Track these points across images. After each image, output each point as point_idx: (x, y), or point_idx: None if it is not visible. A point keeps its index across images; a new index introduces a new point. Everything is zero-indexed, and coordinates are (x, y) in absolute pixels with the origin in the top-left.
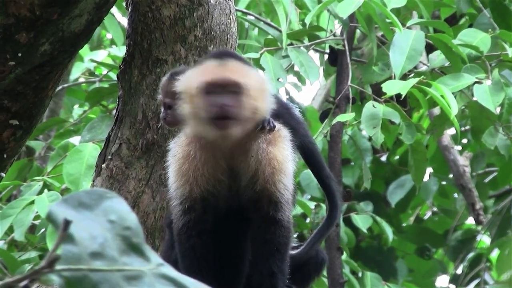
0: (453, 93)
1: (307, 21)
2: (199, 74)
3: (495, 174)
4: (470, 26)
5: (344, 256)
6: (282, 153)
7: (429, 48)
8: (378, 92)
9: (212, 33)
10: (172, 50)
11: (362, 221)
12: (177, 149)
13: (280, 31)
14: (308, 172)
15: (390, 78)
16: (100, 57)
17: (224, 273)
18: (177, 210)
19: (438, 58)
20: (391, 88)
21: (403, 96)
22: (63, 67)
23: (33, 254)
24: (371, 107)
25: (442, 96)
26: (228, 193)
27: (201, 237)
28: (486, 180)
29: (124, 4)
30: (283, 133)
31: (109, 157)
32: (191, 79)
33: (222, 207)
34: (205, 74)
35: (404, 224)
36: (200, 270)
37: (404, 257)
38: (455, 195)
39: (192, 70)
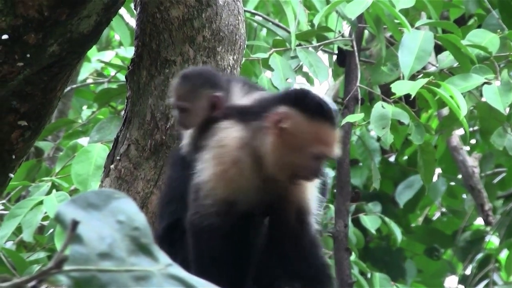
0: (461, 94)
1: (316, 22)
2: (318, 139)
3: (504, 174)
4: (479, 26)
5: (352, 257)
6: None
7: (438, 49)
8: (387, 93)
9: (221, 34)
10: (180, 51)
11: (370, 221)
12: (222, 150)
13: (289, 32)
14: None
15: (398, 78)
16: (107, 58)
17: (238, 275)
18: (205, 209)
19: (447, 58)
20: (400, 88)
21: (412, 97)
22: (72, 68)
23: (41, 254)
24: (380, 107)
25: (451, 96)
26: (261, 201)
27: (224, 239)
28: (495, 180)
29: (132, 5)
30: None
31: (118, 158)
32: (309, 135)
33: (248, 211)
34: (325, 145)
35: (412, 225)
36: (219, 271)
37: (412, 258)
38: (464, 195)
39: (310, 124)
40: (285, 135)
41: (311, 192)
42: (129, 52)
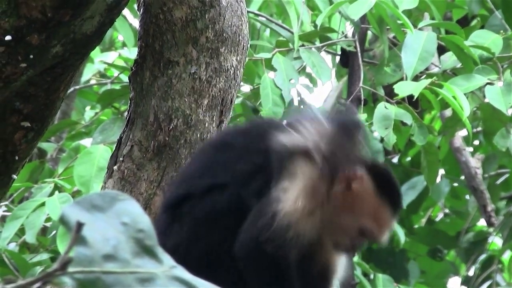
0: (464, 94)
1: (319, 22)
2: (376, 217)
3: (507, 175)
4: (482, 27)
5: (355, 258)
6: None
7: (441, 50)
8: (390, 94)
9: (224, 34)
10: (183, 52)
11: None
12: (315, 191)
13: (292, 33)
14: None
15: (402, 79)
16: (110, 59)
17: None
18: (283, 240)
19: (450, 59)
20: (403, 89)
21: (415, 98)
22: (75, 69)
23: (44, 256)
24: (383, 108)
25: (454, 97)
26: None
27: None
28: (498, 182)
29: (135, 6)
30: None
31: (121, 159)
32: (369, 209)
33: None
34: (378, 226)
35: (416, 226)
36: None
37: (416, 259)
38: (467, 196)
39: (373, 196)
40: (349, 195)
41: (339, 260)
42: (132, 53)
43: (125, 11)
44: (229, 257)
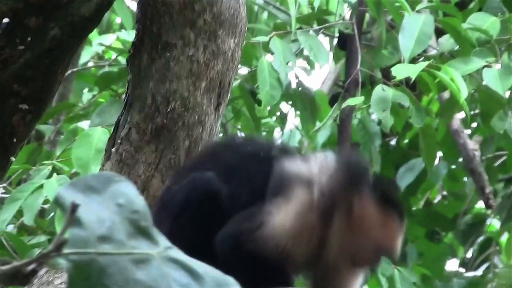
0: (462, 77)
1: (316, 5)
2: (383, 230)
3: (504, 158)
4: (480, 10)
5: None
6: None
7: (439, 32)
8: (387, 76)
9: (222, 17)
10: (181, 34)
11: None
12: (304, 212)
13: (289, 15)
14: None
15: (399, 62)
16: (108, 41)
17: None
18: (263, 245)
19: (447, 42)
20: (400, 72)
21: (412, 80)
22: (73, 52)
23: (42, 238)
24: (380, 90)
25: (451, 79)
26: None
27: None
28: (496, 164)
29: None
30: None
31: (119, 141)
32: (374, 224)
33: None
34: (388, 237)
35: (413, 208)
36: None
37: (413, 241)
38: (465, 179)
39: (378, 213)
40: (354, 219)
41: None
42: (130, 35)
43: None
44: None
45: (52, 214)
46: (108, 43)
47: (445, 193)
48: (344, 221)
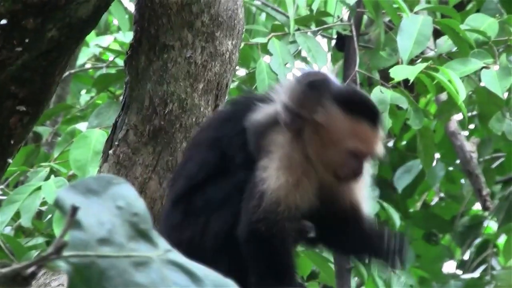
0: (460, 78)
1: (314, 6)
2: (354, 134)
3: (502, 159)
4: (478, 11)
5: None
6: None
7: (437, 34)
8: (385, 78)
9: (219, 18)
10: (179, 36)
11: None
12: (291, 162)
13: (288, 17)
14: None
15: (397, 63)
16: (106, 43)
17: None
18: (275, 215)
19: (445, 43)
20: (398, 73)
21: (410, 82)
22: (70, 53)
23: (40, 240)
24: (378, 92)
25: (449, 81)
26: (317, 204)
27: (292, 244)
28: (493, 165)
29: None
30: None
31: (116, 143)
32: (344, 130)
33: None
34: (360, 141)
35: (411, 210)
36: (293, 274)
37: (411, 243)
38: (462, 180)
39: (346, 118)
40: (321, 130)
41: (362, 194)
42: (127, 37)
43: None
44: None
45: (50, 216)
46: (105, 45)
47: (442, 195)
48: (313, 135)
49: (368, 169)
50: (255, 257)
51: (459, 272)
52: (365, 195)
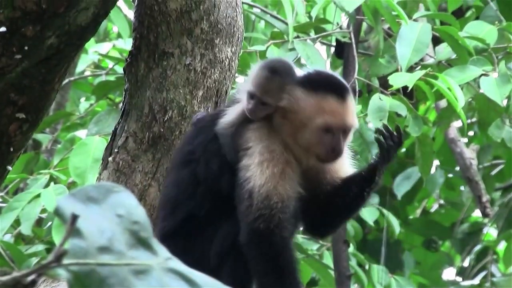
0: (459, 86)
1: (313, 14)
2: (321, 110)
3: (501, 166)
4: (477, 18)
5: (350, 249)
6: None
7: (436, 41)
8: (384, 85)
9: (219, 26)
10: (178, 43)
11: (368, 213)
12: (273, 154)
13: (287, 24)
14: None
15: (396, 70)
16: (104, 50)
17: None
18: (269, 210)
19: (444, 50)
20: (397, 80)
21: (409, 89)
22: (70, 60)
23: (40, 247)
24: (377, 99)
25: (448, 88)
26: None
27: (292, 237)
28: (493, 172)
29: None
30: None
31: (116, 150)
32: (310, 108)
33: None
34: (329, 114)
35: (410, 217)
36: (294, 271)
37: (410, 250)
38: (462, 187)
39: (310, 96)
40: (289, 115)
41: (345, 173)
42: (127, 44)
43: (120, 2)
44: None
45: (49, 223)
46: (104, 52)
47: (442, 201)
48: (284, 121)
49: (348, 149)
50: (257, 257)
51: (459, 279)
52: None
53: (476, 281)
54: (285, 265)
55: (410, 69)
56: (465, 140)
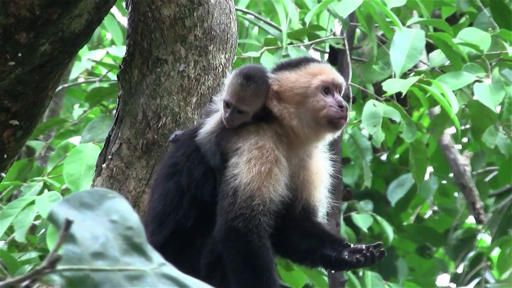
0: (453, 92)
1: (307, 20)
2: (311, 75)
3: (495, 173)
4: (470, 25)
5: None
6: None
7: (429, 47)
8: (378, 91)
9: (212, 32)
10: (172, 50)
11: (362, 220)
12: (261, 151)
13: (280, 31)
14: None
15: (390, 77)
16: (98, 57)
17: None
18: (251, 210)
19: (438, 57)
20: (391, 86)
21: (403, 95)
22: (63, 67)
23: (33, 254)
24: (371, 105)
25: (442, 94)
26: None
27: (269, 239)
28: (487, 179)
29: (124, 4)
30: None
31: (110, 157)
32: (302, 78)
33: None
34: (320, 75)
35: (404, 223)
36: (271, 269)
37: (404, 256)
38: (456, 194)
39: (297, 70)
40: (284, 95)
41: (320, 192)
42: (120, 51)
43: (114, 9)
44: None
45: (43, 230)
46: (98, 59)
47: (435, 208)
48: (281, 104)
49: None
50: (234, 254)
51: (453, 285)
52: (324, 195)
53: (470, 287)
54: (261, 264)
55: (404, 76)
56: (459, 146)
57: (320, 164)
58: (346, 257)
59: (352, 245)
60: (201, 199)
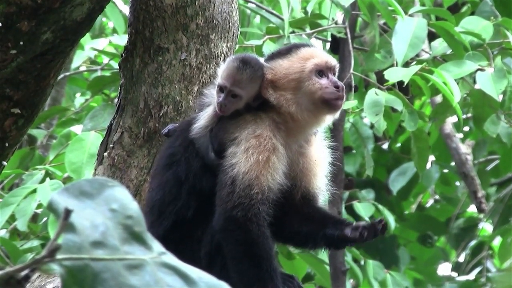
0: (455, 81)
1: (309, 9)
2: (304, 59)
3: (497, 162)
4: (472, 14)
5: None
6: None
7: (431, 36)
8: (380, 80)
9: (214, 21)
10: (174, 39)
11: (364, 209)
12: (259, 140)
13: (282, 19)
14: None
15: (392, 65)
16: (100, 45)
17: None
18: (249, 199)
19: (440, 45)
20: (393, 75)
21: (405, 84)
22: (65, 56)
23: (35, 243)
24: (373, 94)
25: (444, 83)
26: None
27: (268, 227)
28: (488, 168)
29: None
30: None
31: (111, 145)
32: (295, 64)
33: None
34: (312, 58)
35: (406, 212)
36: (271, 257)
37: (406, 245)
38: (457, 183)
39: (289, 57)
40: (279, 83)
41: (319, 179)
42: (122, 39)
43: None
44: None
45: (45, 218)
46: (100, 47)
47: (437, 197)
48: (276, 92)
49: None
50: (233, 244)
51: (454, 274)
52: (323, 182)
53: (472, 276)
54: (260, 252)
55: (406, 64)
56: (461, 135)
57: (320, 152)
58: (349, 234)
59: (354, 223)
60: (200, 189)
